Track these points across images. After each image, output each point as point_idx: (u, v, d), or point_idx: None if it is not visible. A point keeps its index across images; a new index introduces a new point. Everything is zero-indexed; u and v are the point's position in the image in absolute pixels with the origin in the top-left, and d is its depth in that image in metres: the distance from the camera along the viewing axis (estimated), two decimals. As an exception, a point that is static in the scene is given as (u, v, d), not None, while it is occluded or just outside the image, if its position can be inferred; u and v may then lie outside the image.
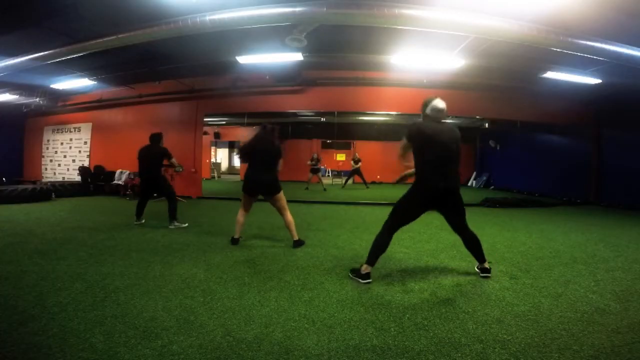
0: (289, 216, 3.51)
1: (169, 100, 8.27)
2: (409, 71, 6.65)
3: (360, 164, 10.87)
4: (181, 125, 8.16)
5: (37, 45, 4.90)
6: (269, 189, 3.43)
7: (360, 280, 2.50)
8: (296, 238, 3.53)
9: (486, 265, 2.67)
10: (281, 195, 3.47)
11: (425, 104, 2.53)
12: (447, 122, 2.56)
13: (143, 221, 4.61)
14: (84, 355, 1.50)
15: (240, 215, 3.58)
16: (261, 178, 3.42)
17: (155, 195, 4.66)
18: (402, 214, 2.54)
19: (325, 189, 10.01)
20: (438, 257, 3.22)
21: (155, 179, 4.51)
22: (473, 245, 2.63)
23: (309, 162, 10.24)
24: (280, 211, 3.51)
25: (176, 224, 4.41)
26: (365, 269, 2.52)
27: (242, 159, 3.59)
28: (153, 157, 4.48)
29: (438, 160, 2.41)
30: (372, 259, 2.54)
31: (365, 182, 11.09)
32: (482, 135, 13.01)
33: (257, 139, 3.51)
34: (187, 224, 4.51)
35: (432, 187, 2.41)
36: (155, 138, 4.56)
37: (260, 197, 3.59)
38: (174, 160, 4.61)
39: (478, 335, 1.76)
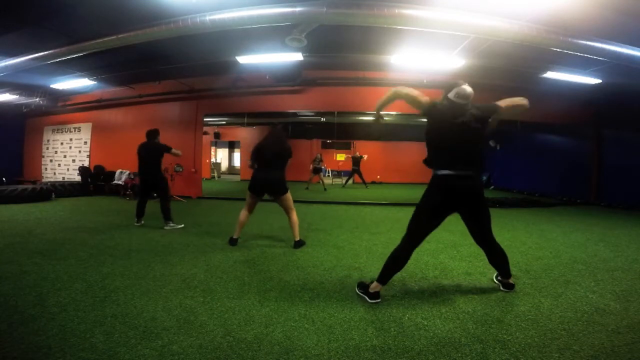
0: (295, 217, 3.51)
1: (169, 100, 8.27)
2: (409, 71, 6.64)
3: (360, 162, 10.91)
4: (181, 125, 8.16)
5: (37, 45, 4.90)
6: (276, 188, 3.43)
7: (368, 299, 2.18)
8: (297, 239, 3.52)
9: (511, 281, 2.39)
10: (288, 196, 3.47)
11: (448, 90, 2.15)
12: (471, 107, 2.15)
13: (143, 222, 4.57)
14: (84, 355, 1.50)
15: (243, 216, 3.55)
16: (269, 177, 3.42)
17: (155, 195, 4.62)
18: (419, 222, 2.17)
19: (325, 189, 10.02)
20: (438, 257, 3.22)
21: (154, 177, 4.47)
22: (499, 260, 2.31)
23: (312, 165, 10.32)
24: (287, 211, 3.51)
25: (171, 224, 4.36)
26: (374, 287, 2.19)
27: (252, 162, 3.49)
28: (151, 153, 4.44)
29: (451, 152, 2.07)
30: (384, 277, 2.18)
31: (364, 182, 11.13)
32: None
33: (267, 139, 3.50)
34: (182, 225, 4.47)
35: (444, 185, 2.08)
36: (152, 134, 4.52)
37: (264, 197, 3.58)
38: (174, 150, 4.51)
39: (478, 335, 1.76)
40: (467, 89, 2.12)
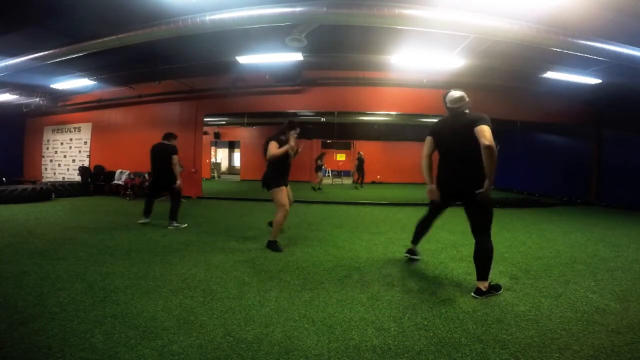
0: (279, 217, 3.43)
1: (169, 100, 8.27)
2: (409, 71, 6.64)
3: (363, 163, 11.14)
4: (181, 125, 8.15)
5: (37, 45, 4.90)
6: (265, 184, 3.48)
7: (413, 255, 3.04)
8: (272, 239, 3.43)
9: (482, 286, 2.24)
10: (273, 193, 3.44)
11: (444, 98, 2.49)
12: (468, 113, 2.38)
13: (149, 220, 4.58)
14: (84, 355, 1.50)
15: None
16: (264, 174, 3.51)
17: (165, 195, 4.64)
18: (431, 203, 2.73)
19: (317, 189, 10.02)
20: (438, 257, 3.22)
21: (168, 179, 4.46)
22: (478, 256, 2.30)
23: (318, 162, 10.54)
24: (276, 208, 3.52)
25: (175, 224, 4.41)
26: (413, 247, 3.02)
27: None
28: (161, 153, 4.47)
29: (444, 157, 2.46)
30: (416, 239, 2.97)
31: (362, 182, 11.28)
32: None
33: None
34: (186, 224, 4.52)
35: (442, 185, 2.48)
36: (166, 136, 4.61)
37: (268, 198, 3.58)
38: (175, 159, 4.46)
39: (478, 335, 1.76)
40: (455, 93, 2.40)
